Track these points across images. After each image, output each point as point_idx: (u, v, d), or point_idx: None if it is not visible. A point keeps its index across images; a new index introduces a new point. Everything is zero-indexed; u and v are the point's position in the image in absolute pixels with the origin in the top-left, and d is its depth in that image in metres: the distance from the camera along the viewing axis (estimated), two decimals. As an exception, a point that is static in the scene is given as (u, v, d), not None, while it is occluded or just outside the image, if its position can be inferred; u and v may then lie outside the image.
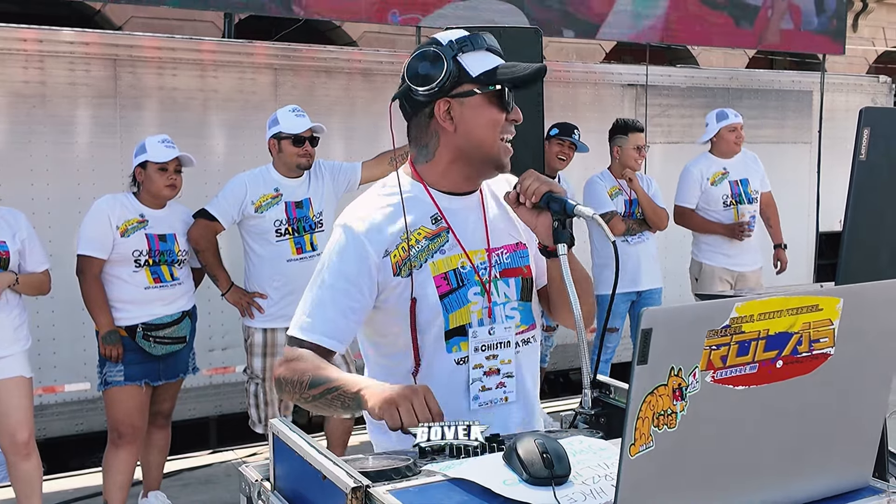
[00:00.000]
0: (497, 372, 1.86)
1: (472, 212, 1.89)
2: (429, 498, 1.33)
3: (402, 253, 1.81)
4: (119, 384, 3.96)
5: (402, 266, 1.81)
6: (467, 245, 1.86)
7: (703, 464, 1.17)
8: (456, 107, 1.80)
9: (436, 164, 1.86)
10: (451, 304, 1.82)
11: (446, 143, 1.83)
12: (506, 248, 1.90)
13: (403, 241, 1.82)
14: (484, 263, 1.86)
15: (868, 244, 1.65)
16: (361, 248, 1.80)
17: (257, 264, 4.31)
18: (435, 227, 1.85)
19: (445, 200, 1.87)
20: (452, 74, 1.77)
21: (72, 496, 4.67)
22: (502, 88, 1.79)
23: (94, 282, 3.93)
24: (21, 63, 5.36)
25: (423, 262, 1.82)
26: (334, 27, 12.59)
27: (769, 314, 1.15)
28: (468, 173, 1.87)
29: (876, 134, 1.61)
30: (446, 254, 1.84)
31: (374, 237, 1.81)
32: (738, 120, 5.61)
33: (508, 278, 1.88)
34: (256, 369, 4.30)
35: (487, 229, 1.89)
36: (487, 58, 1.81)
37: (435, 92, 1.78)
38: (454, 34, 1.82)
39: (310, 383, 1.73)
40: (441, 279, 1.82)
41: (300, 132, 4.22)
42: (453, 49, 1.78)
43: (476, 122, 1.80)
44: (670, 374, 1.09)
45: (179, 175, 4.07)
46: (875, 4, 17.05)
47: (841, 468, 1.33)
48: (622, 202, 5.42)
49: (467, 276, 1.84)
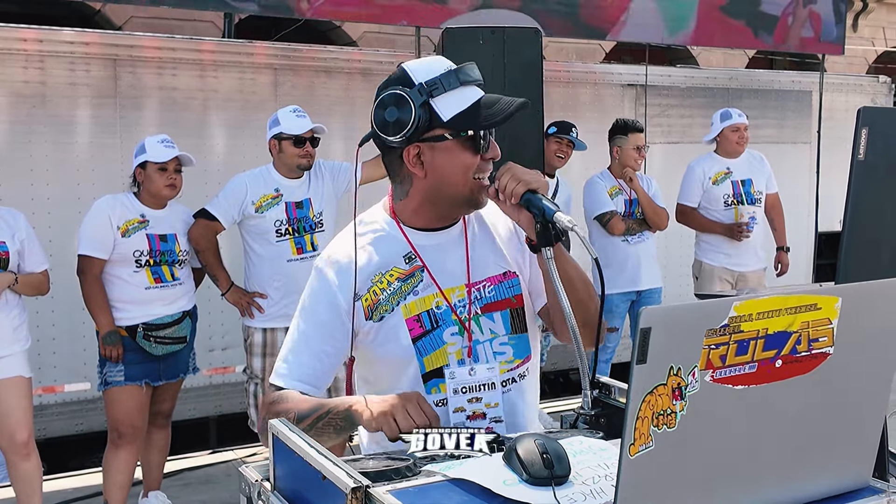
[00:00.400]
0: (483, 416, 1.77)
1: (452, 246, 1.82)
2: (429, 498, 1.33)
3: (373, 297, 1.76)
4: (119, 384, 3.96)
5: (374, 310, 1.76)
6: (444, 282, 1.79)
7: (702, 463, 1.17)
8: (427, 151, 1.72)
9: (409, 202, 1.79)
10: (425, 347, 1.76)
11: (417, 187, 1.76)
12: (489, 281, 1.82)
13: (375, 283, 1.77)
14: (463, 301, 1.79)
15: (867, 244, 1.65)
16: (331, 293, 1.77)
17: (257, 264, 4.31)
18: (408, 266, 1.79)
19: (421, 237, 1.81)
20: (422, 120, 1.68)
21: (72, 496, 4.67)
22: (475, 133, 1.70)
23: (95, 282, 3.93)
24: (21, 63, 5.36)
25: (394, 305, 1.76)
26: (334, 27, 12.59)
27: (768, 313, 1.15)
28: (442, 213, 1.80)
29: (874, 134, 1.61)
30: (419, 294, 1.78)
31: (343, 282, 1.76)
32: (741, 120, 5.61)
33: (493, 313, 1.81)
34: (256, 369, 4.30)
35: (469, 263, 1.81)
36: (462, 95, 1.70)
37: (404, 140, 1.70)
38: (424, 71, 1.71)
39: (297, 418, 1.69)
40: (413, 321, 1.76)
41: (301, 133, 4.22)
42: (423, 93, 1.68)
43: (448, 167, 1.72)
44: (669, 373, 1.09)
45: (179, 175, 4.07)
46: (875, 4, 17.06)
47: (841, 468, 1.33)
48: (622, 202, 5.42)
49: (442, 317, 1.77)
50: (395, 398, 1.62)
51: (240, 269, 4.46)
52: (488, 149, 1.74)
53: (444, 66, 1.72)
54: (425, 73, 1.71)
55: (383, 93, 1.72)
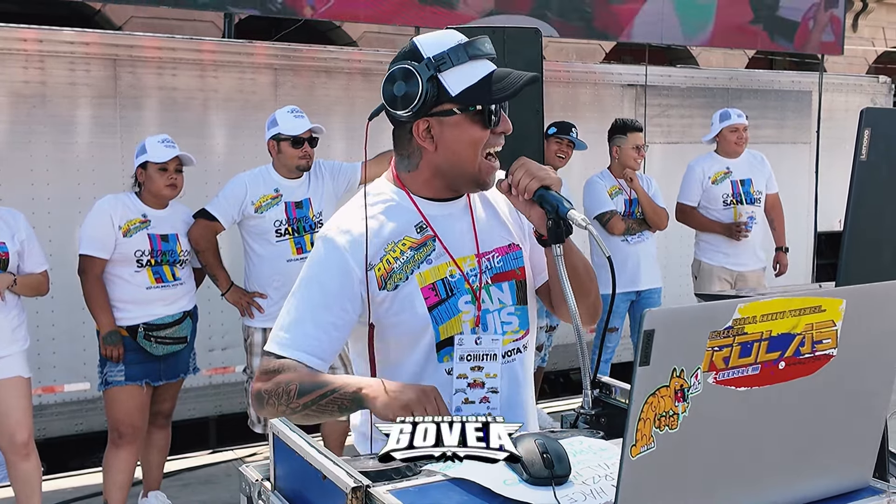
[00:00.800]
0: (481, 385, 1.77)
1: (460, 217, 1.82)
2: (429, 498, 1.33)
3: (386, 266, 1.75)
4: (120, 384, 3.96)
5: (388, 279, 1.74)
6: (455, 252, 1.78)
7: (704, 465, 1.16)
8: (436, 125, 1.71)
9: (418, 174, 1.79)
10: (441, 316, 1.76)
11: (427, 160, 1.76)
12: (497, 252, 1.82)
13: (388, 252, 1.75)
14: (474, 270, 1.79)
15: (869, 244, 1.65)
16: (344, 262, 1.74)
17: (257, 264, 4.31)
18: (420, 235, 1.78)
19: (430, 207, 1.80)
20: (430, 94, 1.67)
21: (71, 496, 4.66)
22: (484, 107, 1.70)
23: (96, 282, 3.93)
24: (21, 63, 5.36)
25: (408, 273, 1.75)
26: (334, 27, 12.59)
27: (772, 315, 1.15)
28: (451, 186, 1.80)
29: (876, 134, 1.61)
30: (433, 263, 1.77)
31: (356, 250, 1.73)
32: (740, 121, 5.62)
33: (502, 283, 1.81)
34: (256, 369, 4.29)
35: (476, 234, 1.81)
36: (471, 70, 1.70)
37: (412, 114, 1.70)
38: (434, 45, 1.70)
39: (298, 392, 1.66)
40: (429, 290, 1.75)
41: (299, 133, 4.22)
42: (430, 68, 1.68)
43: (457, 142, 1.71)
44: (672, 375, 1.09)
45: (180, 175, 4.06)
46: (875, 4, 17.06)
47: (841, 468, 1.33)
48: (622, 202, 5.42)
49: (457, 285, 1.77)
50: (413, 391, 1.57)
51: (240, 269, 4.46)
52: (499, 122, 1.73)
53: (455, 40, 1.71)
54: (435, 47, 1.70)
55: (393, 67, 1.73)
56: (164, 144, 4.02)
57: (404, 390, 1.58)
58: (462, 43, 1.70)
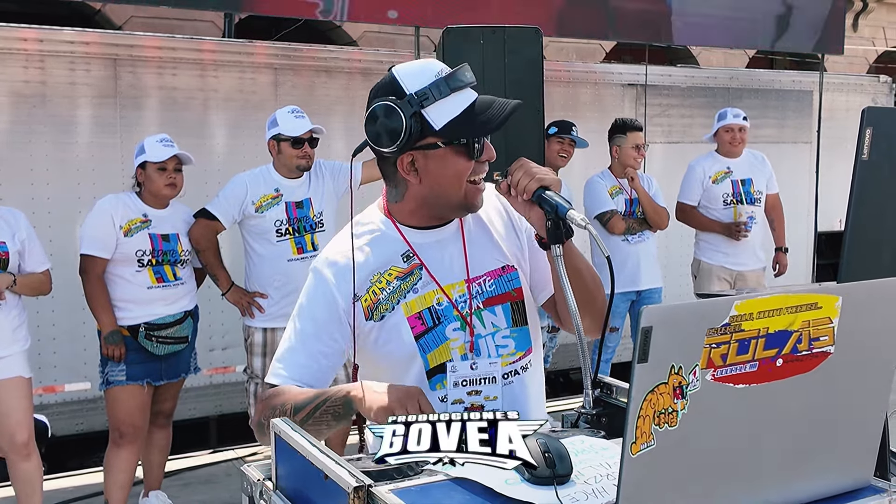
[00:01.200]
0: (481, 409, 1.74)
1: (449, 242, 1.82)
2: (431, 497, 1.33)
3: (372, 297, 1.76)
4: (121, 384, 3.96)
5: (374, 310, 1.76)
6: (444, 279, 1.79)
7: (704, 462, 1.17)
8: (420, 159, 1.71)
9: (405, 205, 1.79)
10: (428, 344, 1.76)
11: (413, 192, 1.76)
12: (489, 276, 1.82)
13: (374, 283, 1.77)
14: (464, 296, 1.78)
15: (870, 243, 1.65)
16: (329, 294, 1.76)
17: (258, 264, 4.31)
18: (407, 265, 1.78)
19: (417, 236, 1.80)
20: (414, 130, 1.67)
21: (72, 496, 4.67)
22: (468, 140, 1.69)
23: (98, 282, 3.94)
24: (21, 63, 5.36)
25: (395, 303, 1.76)
26: (334, 27, 12.59)
27: (769, 312, 1.15)
28: (437, 215, 1.80)
29: (878, 134, 1.61)
30: (419, 292, 1.77)
31: (342, 282, 1.76)
32: (735, 121, 5.61)
33: (494, 306, 1.80)
34: (256, 369, 4.30)
35: (467, 258, 1.81)
36: (454, 102, 1.68)
37: (396, 150, 1.70)
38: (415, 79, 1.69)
39: (294, 409, 1.69)
40: (415, 319, 1.76)
41: (299, 134, 4.22)
42: (413, 104, 1.67)
43: (442, 174, 1.72)
44: (671, 372, 1.09)
45: (180, 174, 4.06)
46: (875, 4, 17.06)
47: (842, 467, 1.33)
48: (622, 201, 5.42)
49: (444, 313, 1.77)
50: (395, 391, 1.60)
51: (240, 268, 4.46)
52: (482, 152, 1.73)
53: (435, 73, 1.70)
54: (416, 82, 1.69)
55: (374, 103, 1.73)
56: (163, 144, 4.03)
57: (388, 391, 1.60)
58: (443, 76, 1.69)
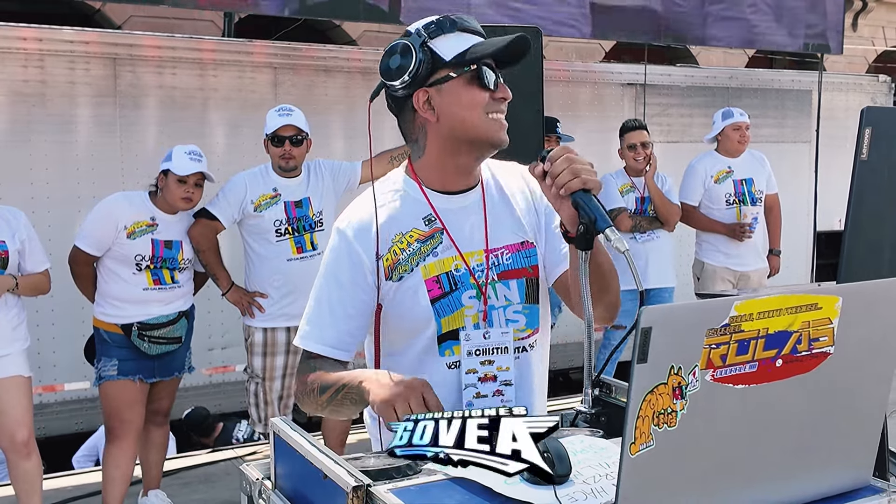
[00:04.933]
0: (494, 379, 1.77)
1: (471, 211, 1.81)
2: (430, 497, 1.33)
3: (392, 257, 1.76)
4: (112, 378, 3.95)
5: (394, 270, 1.76)
6: (464, 246, 1.78)
7: (703, 462, 1.17)
8: (435, 95, 1.72)
9: (428, 158, 1.79)
10: (444, 309, 1.76)
11: (434, 135, 1.75)
12: (507, 249, 1.81)
13: (395, 244, 1.76)
14: (481, 265, 1.78)
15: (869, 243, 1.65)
16: (353, 252, 1.76)
17: (257, 264, 4.30)
18: (428, 228, 1.78)
19: (441, 200, 1.80)
20: (425, 62, 1.69)
21: (71, 495, 4.66)
22: (479, 67, 1.70)
23: (84, 269, 4.00)
24: (21, 62, 5.37)
25: (414, 265, 1.76)
26: (334, 26, 12.58)
27: (768, 313, 1.15)
28: (463, 163, 1.78)
29: (877, 134, 1.60)
30: (439, 256, 1.77)
31: (365, 241, 1.76)
32: (743, 119, 5.62)
33: (509, 280, 1.80)
34: (257, 368, 4.30)
35: (487, 229, 1.80)
36: (461, 39, 1.72)
37: (410, 83, 1.71)
38: (423, 21, 1.74)
39: (319, 390, 1.71)
40: (433, 283, 1.76)
41: (275, 130, 4.20)
42: (421, 36, 1.70)
43: (458, 107, 1.71)
44: (670, 372, 1.09)
45: (199, 189, 4.01)
46: (875, 4, 17.06)
47: (841, 467, 1.33)
48: (633, 199, 5.49)
49: (461, 279, 1.77)
50: (400, 385, 1.58)
51: (240, 268, 4.45)
52: (497, 88, 1.73)
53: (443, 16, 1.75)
54: (424, 22, 1.74)
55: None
56: (190, 157, 3.97)
57: (393, 385, 1.58)
58: (450, 16, 1.74)
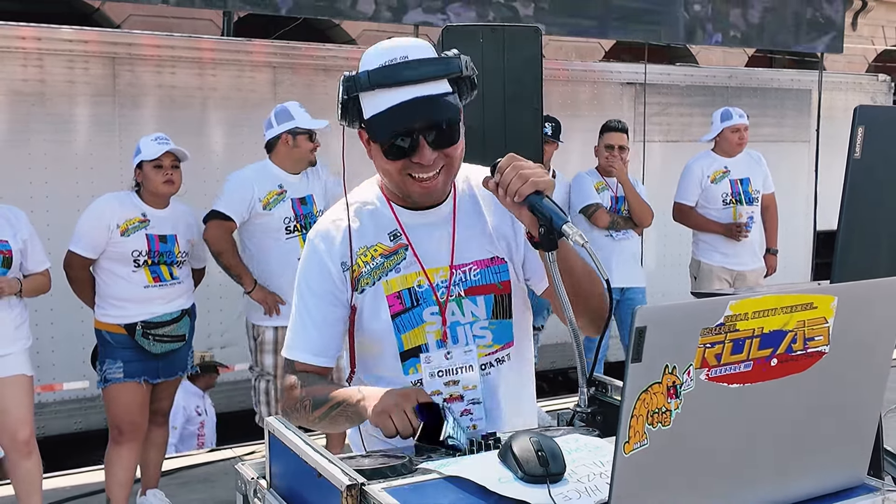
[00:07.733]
0: (461, 398, 1.75)
1: (439, 226, 1.78)
2: (424, 496, 1.33)
3: (357, 269, 1.76)
4: (119, 381, 3.96)
5: (357, 283, 1.76)
6: (428, 262, 1.76)
7: (697, 461, 1.17)
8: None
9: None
10: (404, 325, 1.75)
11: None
12: (476, 264, 1.78)
13: (359, 256, 1.77)
14: (445, 281, 1.76)
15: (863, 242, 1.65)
16: (322, 262, 1.78)
17: (264, 262, 4.24)
18: (393, 243, 1.77)
19: (408, 216, 1.78)
20: (352, 113, 1.67)
21: (70, 494, 4.67)
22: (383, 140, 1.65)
23: (80, 272, 3.99)
24: (20, 61, 5.37)
25: (376, 279, 1.76)
26: (333, 25, 12.58)
27: (763, 312, 1.15)
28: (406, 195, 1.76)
29: (871, 132, 1.61)
30: (402, 272, 1.76)
31: (333, 251, 1.77)
32: (742, 121, 5.62)
33: (476, 296, 1.77)
34: (268, 366, 4.26)
35: (454, 245, 1.77)
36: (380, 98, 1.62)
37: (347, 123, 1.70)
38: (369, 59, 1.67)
39: (312, 406, 1.71)
40: (394, 298, 1.75)
41: (316, 128, 4.23)
42: (357, 87, 1.64)
43: (380, 162, 1.70)
44: (664, 371, 1.09)
45: (177, 170, 4.04)
46: (874, 3, 17.06)
47: (836, 466, 1.33)
48: (608, 198, 5.51)
49: (423, 296, 1.75)
50: (395, 397, 1.59)
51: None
52: (414, 152, 1.64)
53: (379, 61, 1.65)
54: (366, 62, 1.67)
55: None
56: (157, 142, 4.01)
57: (386, 396, 1.60)
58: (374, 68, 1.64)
